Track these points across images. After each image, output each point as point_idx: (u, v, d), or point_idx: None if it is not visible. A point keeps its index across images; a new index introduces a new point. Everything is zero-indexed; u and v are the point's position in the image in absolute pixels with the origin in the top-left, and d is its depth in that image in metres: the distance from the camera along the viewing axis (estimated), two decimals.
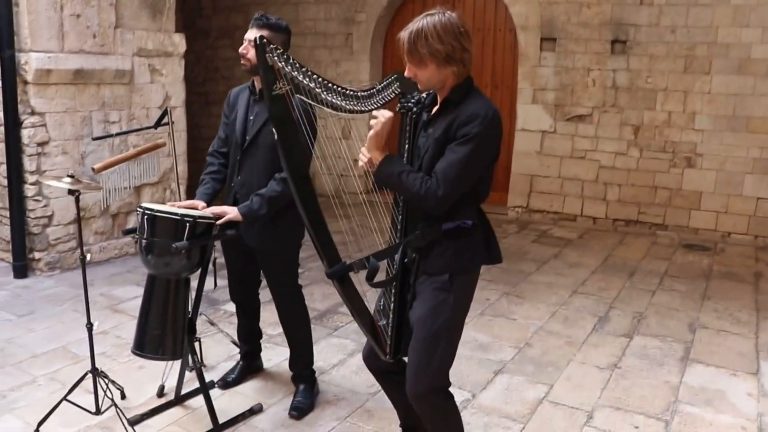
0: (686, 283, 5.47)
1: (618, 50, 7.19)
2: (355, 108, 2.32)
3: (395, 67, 8.56)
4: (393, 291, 2.38)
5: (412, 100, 2.46)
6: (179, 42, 5.85)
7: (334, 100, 2.28)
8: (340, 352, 3.92)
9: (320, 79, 2.27)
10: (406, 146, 2.45)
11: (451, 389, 2.41)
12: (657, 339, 4.25)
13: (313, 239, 2.26)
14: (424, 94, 2.45)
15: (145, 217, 2.71)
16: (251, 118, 3.04)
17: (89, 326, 2.96)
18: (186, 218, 2.68)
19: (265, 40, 2.18)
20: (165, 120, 3.46)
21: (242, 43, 2.97)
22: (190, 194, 5.71)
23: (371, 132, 2.24)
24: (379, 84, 2.42)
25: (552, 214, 7.75)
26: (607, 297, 5.04)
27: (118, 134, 3.95)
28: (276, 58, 2.19)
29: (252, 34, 2.88)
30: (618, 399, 3.44)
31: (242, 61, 2.95)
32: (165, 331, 2.77)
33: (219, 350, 3.86)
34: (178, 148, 4.52)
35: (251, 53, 2.86)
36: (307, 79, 2.24)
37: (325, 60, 8.62)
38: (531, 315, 4.62)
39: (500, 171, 7.70)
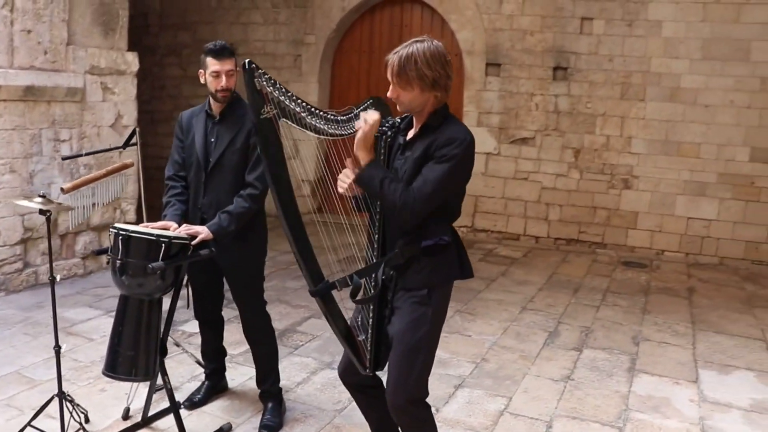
0: (627, 298, 5.76)
1: (559, 76, 7.55)
2: (336, 132, 2.40)
3: (343, 89, 8.70)
4: (371, 306, 2.47)
5: (387, 124, 2.55)
6: (132, 60, 5.80)
7: (317, 124, 2.35)
8: (303, 371, 3.95)
9: (304, 104, 2.34)
10: None
11: None
12: (605, 351, 4.47)
13: (298, 260, 2.33)
14: (398, 119, 2.56)
15: (120, 237, 2.70)
16: (212, 140, 3.08)
17: (57, 348, 2.90)
18: (161, 239, 2.69)
19: (254, 65, 2.24)
20: (131, 140, 3.45)
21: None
22: (140, 214, 5.61)
23: (359, 133, 2.30)
24: (357, 108, 2.51)
25: (496, 234, 8.00)
26: (555, 313, 5.26)
27: (87, 153, 3.89)
28: (264, 82, 2.26)
29: (224, 65, 2.94)
30: (574, 409, 3.62)
31: (221, 94, 2.99)
32: (138, 351, 2.75)
33: (182, 371, 3.83)
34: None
35: (232, 82, 2.94)
36: (293, 104, 2.32)
37: None
38: (485, 331, 4.78)
39: None
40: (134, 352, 2.75)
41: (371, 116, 2.30)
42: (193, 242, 2.83)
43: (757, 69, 6.90)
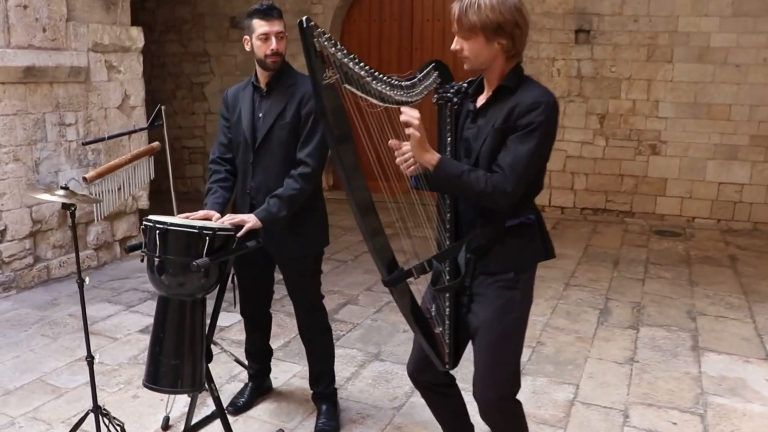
0: (670, 269, 5.48)
1: (582, 40, 7.18)
2: (402, 99, 2.09)
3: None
4: (447, 294, 2.18)
5: (451, 90, 2.24)
6: (137, 36, 5.39)
7: (383, 90, 2.04)
8: (350, 364, 3.66)
9: (367, 67, 2.02)
10: (449, 139, 2.24)
11: None
12: (662, 329, 4.20)
13: (369, 244, 2.03)
14: (464, 83, 2.25)
15: (156, 231, 2.37)
16: (260, 115, 2.75)
17: (90, 360, 2.59)
18: (204, 231, 2.36)
19: (312, 23, 1.91)
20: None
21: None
22: (157, 200, 5.27)
23: (413, 139, 2.00)
24: (419, 73, 2.19)
25: None
26: (600, 288, 4.98)
27: (110, 137, 3.54)
28: (325, 43, 1.93)
29: (274, 26, 2.64)
30: (647, 395, 3.35)
31: (272, 59, 2.66)
32: (182, 360, 2.43)
33: (218, 370, 3.51)
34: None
35: (282, 45, 2.63)
36: (357, 67, 1.99)
37: None
38: (533, 311, 4.33)
39: None
40: (179, 361, 2.43)
41: (415, 114, 1.99)
42: (239, 233, 2.51)
43: None
